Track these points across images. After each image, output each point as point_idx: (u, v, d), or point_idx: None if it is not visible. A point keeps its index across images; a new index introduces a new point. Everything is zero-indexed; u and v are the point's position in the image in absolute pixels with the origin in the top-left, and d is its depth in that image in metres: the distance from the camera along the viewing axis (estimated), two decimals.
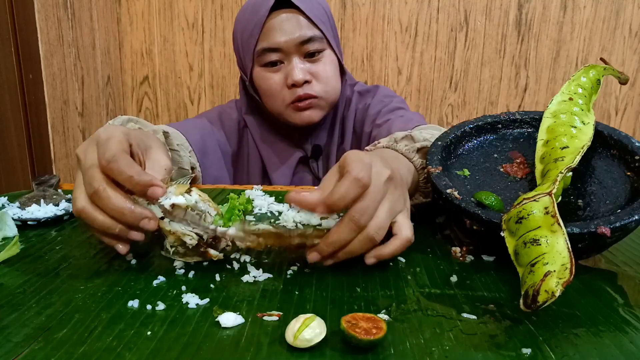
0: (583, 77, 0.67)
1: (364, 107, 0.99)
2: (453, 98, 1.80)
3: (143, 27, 1.79)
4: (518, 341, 0.38)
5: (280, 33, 0.87)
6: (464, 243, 0.58)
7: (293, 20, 0.87)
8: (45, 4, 1.36)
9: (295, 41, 0.87)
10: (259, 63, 0.90)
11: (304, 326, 0.36)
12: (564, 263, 0.41)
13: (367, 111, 0.98)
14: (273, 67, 0.89)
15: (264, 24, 0.87)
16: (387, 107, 0.96)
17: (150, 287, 0.46)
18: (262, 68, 0.90)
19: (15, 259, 0.51)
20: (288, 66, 0.88)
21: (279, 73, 0.89)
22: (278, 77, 0.89)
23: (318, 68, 0.89)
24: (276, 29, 0.87)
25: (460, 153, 0.68)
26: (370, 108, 0.98)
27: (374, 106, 0.98)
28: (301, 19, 0.88)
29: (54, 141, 1.44)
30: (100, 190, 0.45)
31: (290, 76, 0.87)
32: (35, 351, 0.36)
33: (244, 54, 0.92)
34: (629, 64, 1.73)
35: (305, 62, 0.89)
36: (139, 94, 1.86)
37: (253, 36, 0.88)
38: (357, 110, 1.00)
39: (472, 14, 1.72)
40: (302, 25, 0.87)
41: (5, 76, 1.33)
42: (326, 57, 0.91)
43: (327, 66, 0.90)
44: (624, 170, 0.59)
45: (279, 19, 0.87)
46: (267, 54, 0.88)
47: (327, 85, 0.91)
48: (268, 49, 0.88)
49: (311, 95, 0.88)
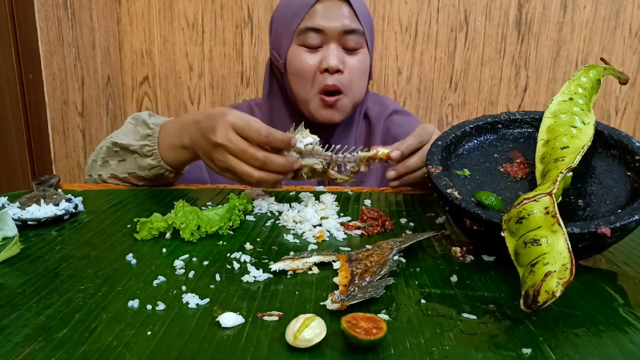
0: (583, 77, 0.67)
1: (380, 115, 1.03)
2: (453, 98, 1.80)
3: (143, 27, 1.79)
4: (518, 341, 0.38)
5: (326, 17, 0.88)
6: (464, 243, 0.58)
7: (341, 9, 0.89)
8: (45, 4, 1.36)
9: (339, 29, 0.88)
10: (298, 42, 0.90)
11: (304, 326, 0.36)
12: (564, 263, 0.41)
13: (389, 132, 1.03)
14: (311, 49, 0.90)
15: (312, 6, 0.89)
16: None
17: (150, 287, 0.46)
18: (299, 47, 0.90)
19: (15, 259, 0.51)
20: (326, 51, 0.89)
21: (315, 55, 0.90)
22: (313, 59, 0.90)
23: (353, 62, 0.91)
24: (323, 13, 0.89)
25: (461, 153, 0.68)
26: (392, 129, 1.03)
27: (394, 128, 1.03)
28: (349, 10, 0.89)
29: (54, 141, 1.43)
30: (266, 158, 0.67)
31: (326, 60, 0.88)
32: (35, 351, 0.36)
33: (283, 31, 0.92)
34: (629, 64, 1.73)
35: (342, 52, 0.90)
36: (139, 94, 1.86)
37: (298, 15, 0.90)
38: (374, 119, 1.03)
39: (472, 14, 1.72)
40: (349, 16, 0.89)
41: (5, 76, 1.33)
42: (361, 55, 0.92)
43: (360, 64, 0.92)
44: (624, 170, 0.59)
45: (328, 4, 0.89)
46: (309, 34, 0.89)
47: (356, 82, 0.92)
48: (311, 29, 0.88)
49: (339, 88, 0.89)
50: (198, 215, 0.59)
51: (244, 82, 1.82)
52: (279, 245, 0.57)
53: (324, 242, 0.59)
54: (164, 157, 0.76)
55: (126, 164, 0.79)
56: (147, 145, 0.77)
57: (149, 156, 0.77)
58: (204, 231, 0.58)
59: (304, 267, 0.50)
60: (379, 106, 1.05)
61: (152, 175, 0.78)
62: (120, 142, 0.78)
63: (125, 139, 0.79)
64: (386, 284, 0.46)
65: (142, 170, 0.78)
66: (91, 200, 0.72)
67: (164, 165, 0.77)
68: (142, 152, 0.77)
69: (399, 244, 0.54)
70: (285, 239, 0.59)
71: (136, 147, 0.77)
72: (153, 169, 0.77)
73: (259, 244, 0.57)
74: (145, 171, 0.78)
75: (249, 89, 1.81)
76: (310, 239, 0.59)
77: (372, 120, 1.03)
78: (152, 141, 0.77)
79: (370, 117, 1.04)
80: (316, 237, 0.59)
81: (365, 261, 0.50)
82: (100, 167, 0.82)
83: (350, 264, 0.49)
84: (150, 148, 0.76)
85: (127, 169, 0.79)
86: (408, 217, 0.68)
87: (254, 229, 0.63)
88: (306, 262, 0.51)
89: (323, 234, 0.60)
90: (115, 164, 0.80)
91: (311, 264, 0.51)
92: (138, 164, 0.78)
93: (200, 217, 0.59)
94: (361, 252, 0.52)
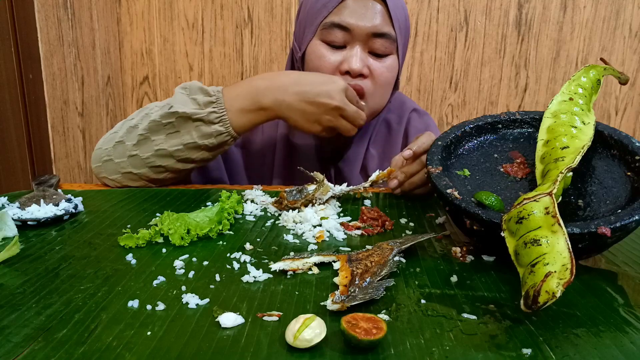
0: (583, 77, 0.67)
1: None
2: (453, 98, 1.80)
3: (143, 27, 1.79)
4: (518, 341, 0.38)
5: (356, 15, 0.81)
6: (464, 243, 0.58)
7: (374, 9, 0.81)
8: (45, 4, 1.36)
9: (369, 30, 0.81)
10: (321, 36, 0.83)
11: (304, 326, 0.36)
12: (564, 263, 0.41)
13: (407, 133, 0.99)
14: (334, 47, 0.83)
15: (343, 0, 0.82)
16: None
17: (150, 287, 0.46)
18: (321, 43, 0.84)
19: (15, 259, 0.51)
20: (349, 52, 0.82)
21: (336, 54, 0.83)
22: (334, 58, 0.83)
23: (378, 68, 0.84)
24: (353, 10, 0.81)
25: (461, 153, 0.68)
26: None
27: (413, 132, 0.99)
28: (383, 12, 0.82)
29: (54, 141, 1.43)
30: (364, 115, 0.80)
31: (348, 62, 0.82)
32: (35, 351, 0.36)
33: (308, 23, 0.85)
34: (629, 64, 1.73)
35: (367, 56, 0.83)
36: (139, 94, 1.86)
37: (326, 7, 0.82)
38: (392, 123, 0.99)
39: (472, 14, 1.72)
40: (381, 18, 0.82)
41: (5, 76, 1.33)
42: (389, 62, 0.85)
43: (387, 71, 0.85)
44: (624, 170, 0.59)
45: (361, 2, 0.81)
46: (333, 31, 0.82)
47: (379, 89, 0.86)
48: (337, 25, 0.81)
49: (362, 89, 0.83)
50: (185, 220, 0.58)
51: None
52: (279, 245, 0.57)
53: (324, 242, 0.59)
54: (233, 122, 0.76)
55: (182, 136, 0.76)
56: (214, 112, 0.75)
57: (215, 123, 0.76)
58: (195, 234, 0.58)
59: (304, 267, 0.50)
60: (399, 109, 0.99)
61: (215, 143, 0.77)
62: (179, 111, 0.75)
63: (184, 107, 0.75)
64: (386, 285, 0.46)
65: (205, 139, 0.76)
66: (91, 200, 0.72)
67: (231, 132, 0.77)
68: (209, 119, 0.75)
69: (399, 245, 0.54)
70: (285, 239, 0.59)
71: (202, 114, 0.75)
72: (220, 135, 0.76)
73: (259, 244, 0.57)
74: (210, 139, 0.76)
75: None
76: (310, 239, 0.59)
77: (392, 125, 0.98)
78: (219, 107, 0.76)
79: (390, 122, 0.98)
80: (316, 237, 0.59)
81: (366, 261, 0.50)
82: (134, 146, 0.77)
83: (351, 264, 0.49)
84: (218, 115, 0.75)
85: (183, 141, 0.76)
86: (408, 217, 0.68)
87: (254, 229, 0.63)
88: (306, 262, 0.51)
89: (323, 234, 0.60)
90: (163, 138, 0.76)
91: (311, 264, 0.51)
92: (202, 132, 0.76)
93: (188, 222, 0.58)
94: (361, 252, 0.52)
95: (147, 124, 0.76)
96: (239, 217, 0.67)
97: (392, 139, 0.98)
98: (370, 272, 0.47)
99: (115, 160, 0.78)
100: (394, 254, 0.52)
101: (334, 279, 0.48)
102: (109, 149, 0.78)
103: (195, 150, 0.77)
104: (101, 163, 0.79)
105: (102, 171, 0.80)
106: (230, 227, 0.62)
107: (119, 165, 0.78)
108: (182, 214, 0.59)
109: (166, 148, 0.76)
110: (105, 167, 0.79)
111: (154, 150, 0.76)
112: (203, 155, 0.79)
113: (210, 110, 0.75)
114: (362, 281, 0.46)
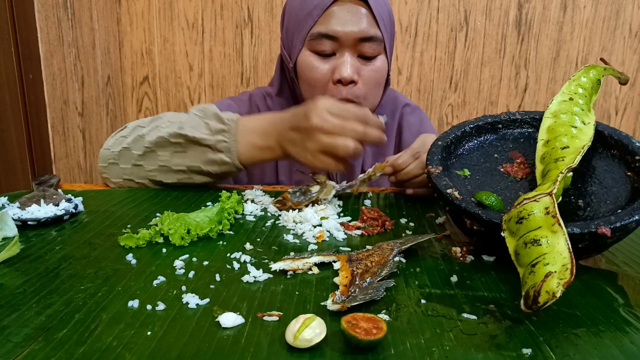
0: (583, 77, 0.67)
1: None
2: (453, 98, 1.80)
3: (143, 27, 1.79)
4: (518, 341, 0.38)
5: (342, 22, 0.81)
6: (464, 243, 0.58)
7: (359, 14, 0.82)
8: (45, 4, 1.36)
9: (356, 35, 0.81)
10: (310, 47, 0.84)
11: (304, 326, 0.36)
12: (564, 263, 0.41)
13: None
14: (323, 56, 0.84)
15: (327, 8, 0.81)
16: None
17: (150, 287, 0.46)
18: (311, 53, 0.84)
19: (15, 259, 0.51)
20: (339, 59, 0.83)
21: (327, 64, 0.84)
22: (325, 68, 0.84)
23: (368, 72, 0.84)
24: (339, 17, 0.81)
25: (461, 153, 0.68)
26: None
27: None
28: (367, 14, 0.82)
29: (54, 141, 1.43)
30: (364, 132, 0.68)
31: (339, 70, 0.82)
32: (35, 351, 0.36)
33: (295, 33, 0.86)
34: (629, 64, 1.73)
35: (357, 61, 0.84)
36: (139, 94, 1.86)
37: (312, 17, 0.82)
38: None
39: (472, 14, 1.72)
40: (367, 21, 0.82)
41: (5, 76, 1.33)
42: (378, 62, 0.85)
43: (376, 73, 0.86)
44: (625, 170, 0.59)
45: (345, 8, 0.81)
46: (321, 41, 0.82)
47: (371, 91, 0.87)
48: (325, 35, 0.82)
49: (352, 101, 0.83)
50: (185, 220, 0.58)
51: (244, 82, 1.82)
52: (279, 245, 0.57)
53: (324, 242, 0.59)
54: (240, 155, 0.75)
55: (187, 157, 0.76)
56: (223, 140, 0.74)
57: (222, 152, 0.74)
58: (195, 234, 0.58)
59: (304, 267, 0.50)
60: (391, 104, 1.01)
61: (219, 171, 0.76)
62: (189, 134, 0.74)
63: (194, 131, 0.75)
64: (387, 286, 0.46)
65: (209, 165, 0.75)
66: (91, 200, 0.72)
67: (236, 164, 0.75)
68: (216, 147, 0.74)
69: (399, 245, 0.54)
70: (285, 239, 0.59)
71: (211, 141, 0.74)
72: (224, 165, 0.75)
73: (259, 244, 0.57)
74: (214, 166, 0.75)
75: (249, 89, 1.81)
76: (310, 239, 0.59)
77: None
78: (230, 138, 0.74)
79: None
80: (316, 237, 0.59)
81: (366, 261, 0.50)
82: (140, 157, 0.77)
83: (351, 264, 0.49)
84: (227, 144, 0.74)
85: (186, 162, 0.76)
86: (408, 217, 0.68)
87: (254, 229, 0.63)
88: (306, 262, 0.51)
89: (323, 234, 0.60)
90: (169, 155, 0.76)
91: (311, 264, 0.51)
92: (208, 158, 0.75)
93: (188, 222, 0.58)
94: (361, 253, 0.52)
95: (155, 137, 0.76)
96: (239, 217, 0.67)
97: (385, 135, 0.99)
98: (370, 272, 0.47)
99: (120, 165, 0.79)
100: (394, 254, 0.52)
101: (334, 279, 0.48)
102: (116, 152, 0.79)
103: (198, 173, 0.77)
104: (107, 164, 0.79)
105: (106, 172, 0.80)
106: (231, 227, 0.62)
107: (123, 171, 0.79)
108: (182, 214, 0.59)
109: (170, 166, 0.77)
110: (110, 169, 0.79)
111: (158, 165, 0.77)
112: (205, 180, 0.78)
113: (219, 138, 0.74)
114: (362, 281, 0.46)
